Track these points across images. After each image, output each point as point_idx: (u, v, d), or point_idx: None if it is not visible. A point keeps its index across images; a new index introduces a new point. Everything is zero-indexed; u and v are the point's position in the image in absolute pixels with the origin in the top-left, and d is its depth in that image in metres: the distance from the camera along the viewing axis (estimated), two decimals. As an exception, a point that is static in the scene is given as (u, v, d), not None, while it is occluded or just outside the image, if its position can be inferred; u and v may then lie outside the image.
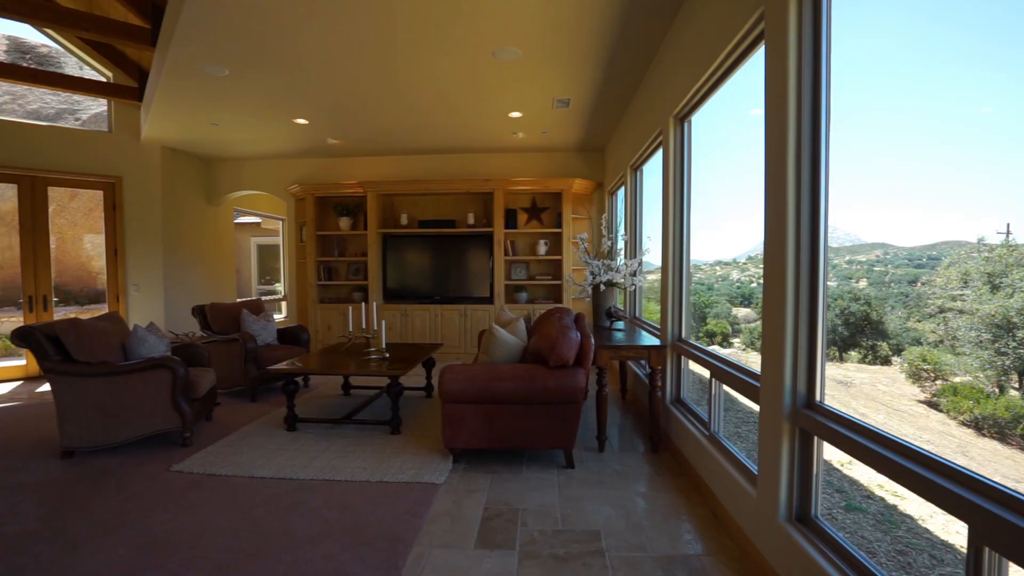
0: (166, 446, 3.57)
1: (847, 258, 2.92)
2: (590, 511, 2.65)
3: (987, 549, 1.19)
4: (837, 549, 1.72)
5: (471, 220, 6.82)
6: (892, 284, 2.66)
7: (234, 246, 8.35)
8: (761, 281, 2.14)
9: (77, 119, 6.59)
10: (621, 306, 5.73)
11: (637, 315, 5.23)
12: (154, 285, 6.48)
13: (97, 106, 6.46)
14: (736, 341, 4.60)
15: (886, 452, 1.49)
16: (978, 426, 2.04)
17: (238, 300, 6.76)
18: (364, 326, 4.76)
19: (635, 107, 4.74)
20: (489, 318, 6.55)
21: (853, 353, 2.90)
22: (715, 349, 4.51)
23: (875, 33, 2.15)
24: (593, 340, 3.32)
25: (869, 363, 2.82)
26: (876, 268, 2.75)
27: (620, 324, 4.34)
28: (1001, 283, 1.96)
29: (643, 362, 4.49)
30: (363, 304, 5.05)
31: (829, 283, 2.91)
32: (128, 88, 5.79)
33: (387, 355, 4.23)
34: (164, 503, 2.74)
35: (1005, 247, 1.95)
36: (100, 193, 6.13)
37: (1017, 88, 1.66)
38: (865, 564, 1.61)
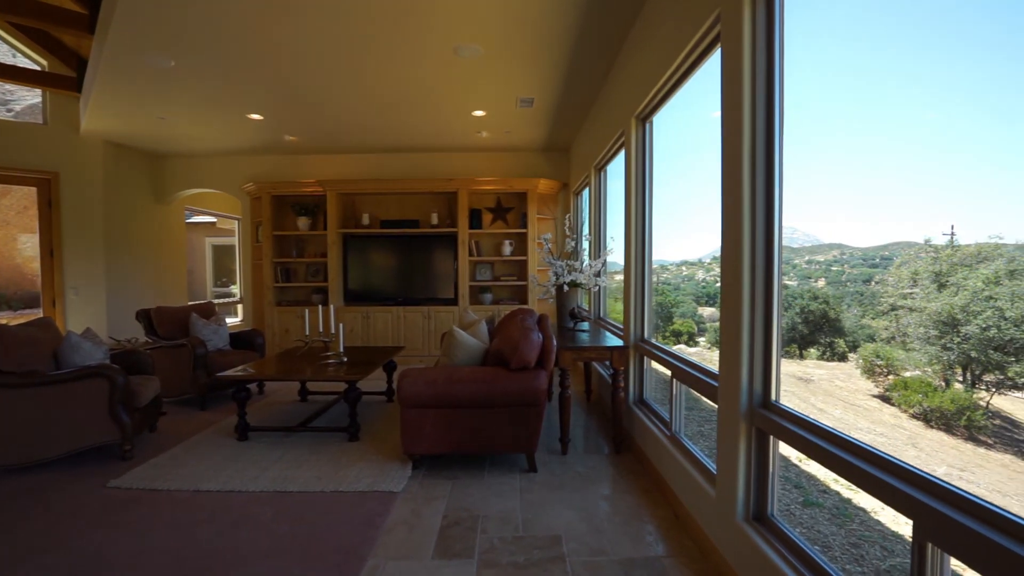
0: (104, 460, 3.33)
1: (806, 258, 2.97)
2: (552, 516, 2.60)
3: (930, 545, 1.20)
4: (792, 547, 1.72)
5: (435, 220, 6.70)
6: (848, 283, 2.72)
7: (186, 247, 7.97)
8: (722, 280, 2.14)
9: (9, 110, 6.14)
10: (586, 306, 5.73)
11: (602, 315, 5.23)
12: (95, 288, 6.09)
13: (32, 97, 6.03)
14: (702, 340, 4.67)
15: (836, 450, 1.49)
16: (927, 418, 2.09)
17: (188, 303, 6.43)
18: (322, 329, 4.59)
19: (599, 107, 4.74)
20: (453, 320, 6.44)
21: (812, 350, 2.95)
22: (681, 348, 4.56)
23: (830, 42, 2.18)
24: (556, 341, 3.28)
25: (827, 360, 2.88)
26: (833, 268, 2.80)
27: (584, 325, 4.32)
28: (947, 282, 2.02)
29: (607, 363, 4.49)
30: (321, 307, 4.87)
31: (790, 283, 2.96)
32: (65, 78, 5.42)
33: (345, 359, 4.09)
34: (98, 522, 2.55)
35: (950, 248, 2.00)
36: (34, 190, 5.73)
37: (957, 98, 1.71)
38: (818, 561, 1.61)
